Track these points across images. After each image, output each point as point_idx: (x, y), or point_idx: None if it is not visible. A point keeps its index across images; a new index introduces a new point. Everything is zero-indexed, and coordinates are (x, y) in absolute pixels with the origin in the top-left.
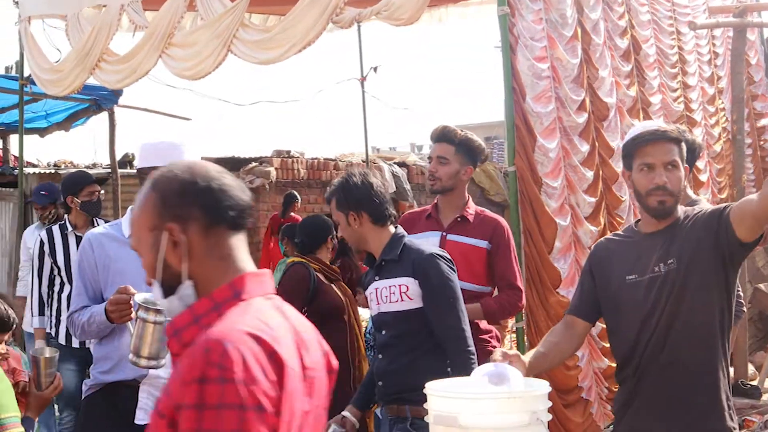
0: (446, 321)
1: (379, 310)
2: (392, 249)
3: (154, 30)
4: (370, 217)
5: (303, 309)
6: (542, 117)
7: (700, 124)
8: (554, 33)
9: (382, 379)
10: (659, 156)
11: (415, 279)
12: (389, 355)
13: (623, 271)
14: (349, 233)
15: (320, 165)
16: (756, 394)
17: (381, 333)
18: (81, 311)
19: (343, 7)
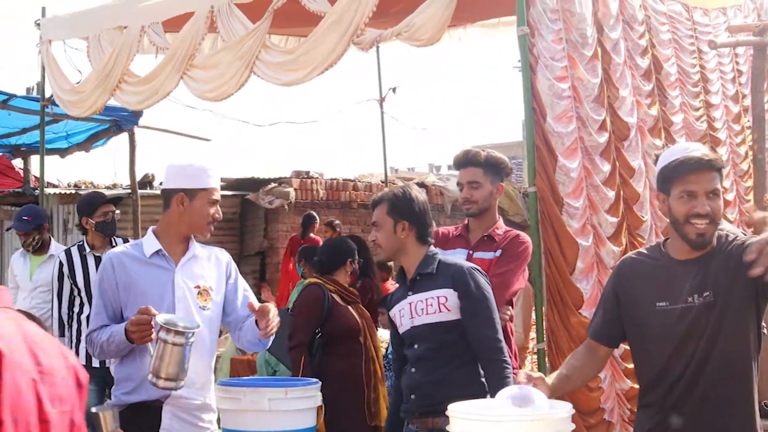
0: (483, 332)
1: (413, 324)
2: (428, 264)
3: (175, 51)
4: (416, 233)
5: (317, 330)
6: (563, 137)
7: (724, 143)
8: (574, 53)
9: (416, 392)
10: (703, 184)
11: (455, 290)
12: (425, 368)
13: (653, 297)
14: (390, 240)
15: (339, 185)
16: None
17: (413, 347)
18: (100, 330)
19: (364, 28)
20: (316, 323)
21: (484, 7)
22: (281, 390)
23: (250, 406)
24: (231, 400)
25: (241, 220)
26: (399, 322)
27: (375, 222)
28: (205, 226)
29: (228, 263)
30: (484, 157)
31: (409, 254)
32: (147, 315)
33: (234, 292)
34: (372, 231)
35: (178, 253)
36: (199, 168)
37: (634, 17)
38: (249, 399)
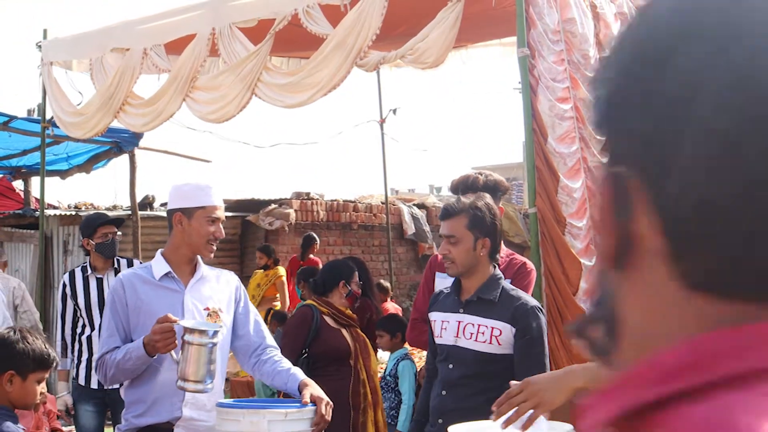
0: (533, 373)
1: (456, 344)
2: (490, 289)
3: (178, 73)
4: (490, 251)
5: (303, 350)
6: (566, 157)
7: None
8: (577, 73)
9: (444, 417)
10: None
11: (513, 327)
12: (458, 394)
13: None
14: (468, 257)
15: (339, 207)
16: None
17: (448, 366)
18: (113, 351)
19: (368, 50)
20: (302, 344)
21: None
22: (281, 412)
23: (249, 427)
24: (230, 422)
25: (241, 241)
26: (438, 332)
27: (451, 236)
28: (204, 245)
29: (238, 287)
30: (482, 183)
31: (477, 273)
32: (169, 322)
33: (245, 316)
34: (443, 244)
35: (187, 274)
36: (196, 187)
37: None
38: (248, 420)
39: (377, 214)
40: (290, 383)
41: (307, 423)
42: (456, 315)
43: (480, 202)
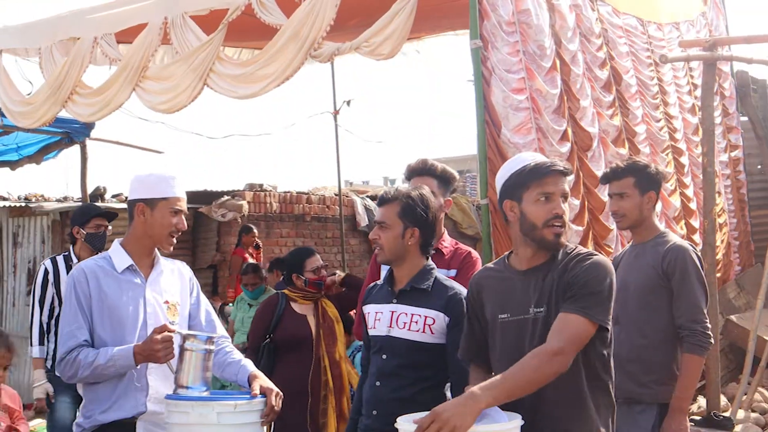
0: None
1: (388, 334)
2: (423, 279)
3: (128, 63)
4: (421, 242)
5: (267, 335)
6: (521, 148)
7: (685, 154)
8: (532, 64)
9: (379, 408)
10: (559, 186)
11: (447, 316)
12: (391, 384)
13: (497, 309)
14: (394, 244)
15: (293, 198)
16: (728, 425)
17: (381, 357)
18: (84, 349)
19: (321, 42)
20: (265, 330)
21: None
22: (230, 404)
23: (198, 419)
24: (179, 414)
25: (193, 233)
26: (372, 324)
27: (382, 222)
28: (165, 237)
29: (191, 278)
30: (440, 170)
31: (407, 263)
32: (167, 331)
33: (197, 308)
34: (374, 229)
35: (147, 266)
36: (160, 177)
37: (591, 30)
38: (197, 413)
39: (330, 205)
40: (240, 374)
41: (257, 415)
42: (389, 305)
43: (415, 192)
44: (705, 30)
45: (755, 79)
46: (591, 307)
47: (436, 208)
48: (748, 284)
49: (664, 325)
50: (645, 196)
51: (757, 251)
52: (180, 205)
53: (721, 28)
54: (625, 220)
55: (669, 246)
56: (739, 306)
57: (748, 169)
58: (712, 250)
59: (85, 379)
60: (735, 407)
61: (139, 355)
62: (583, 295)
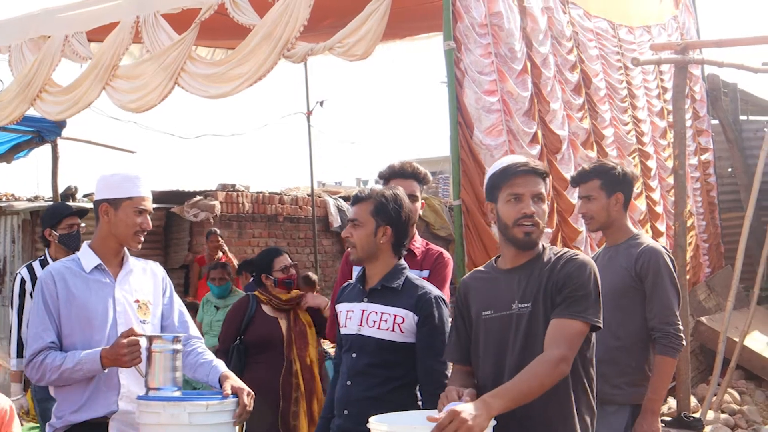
0: (434, 365)
1: (359, 332)
2: (394, 278)
3: (99, 61)
4: (393, 241)
5: (237, 337)
6: (493, 149)
7: (652, 157)
8: (504, 67)
9: (350, 408)
10: (529, 187)
11: (416, 315)
12: (362, 383)
13: (481, 307)
14: (367, 243)
15: (265, 199)
16: (698, 426)
17: (351, 355)
18: (51, 352)
19: (295, 42)
20: (236, 331)
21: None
22: (202, 404)
23: (170, 420)
24: (150, 414)
25: (165, 233)
26: (343, 322)
27: (354, 220)
28: (131, 237)
29: (164, 278)
30: (423, 174)
31: (379, 262)
32: (135, 336)
33: (170, 308)
34: (347, 227)
35: (116, 266)
36: (124, 177)
37: (562, 33)
38: (169, 413)
39: (303, 206)
40: (211, 375)
41: (229, 415)
42: (360, 304)
43: (389, 192)
44: (676, 33)
45: (726, 83)
46: (585, 309)
47: (410, 209)
48: (719, 286)
49: (637, 327)
50: (612, 198)
51: (727, 253)
52: (144, 204)
53: (693, 32)
54: (594, 222)
55: (642, 248)
56: (710, 308)
57: (718, 171)
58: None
59: (53, 383)
60: (705, 408)
61: (105, 359)
62: (576, 298)
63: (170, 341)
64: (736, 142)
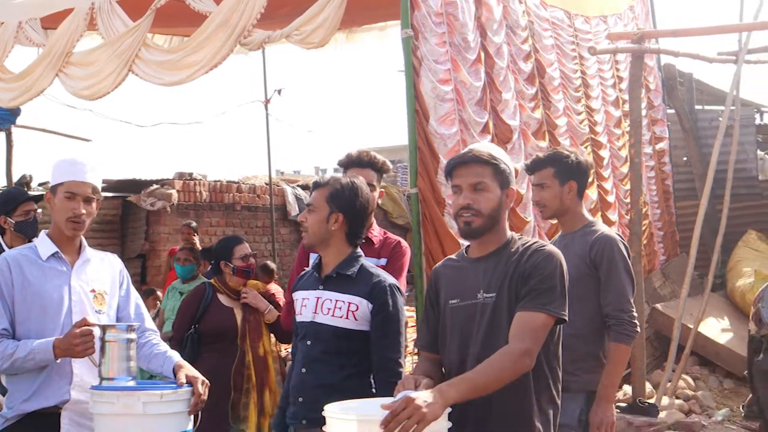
0: (388, 354)
1: (313, 320)
2: (349, 266)
3: (52, 48)
4: (347, 230)
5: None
6: (446, 139)
7: (605, 147)
8: (458, 56)
9: (304, 395)
10: (466, 178)
11: (370, 303)
12: (318, 371)
13: (448, 295)
14: (319, 228)
15: (223, 187)
16: (653, 412)
17: (306, 342)
18: (4, 341)
19: (252, 29)
20: (190, 320)
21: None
22: (156, 393)
23: (124, 410)
24: (104, 404)
25: (122, 222)
26: (299, 310)
27: (310, 204)
28: (65, 223)
29: (121, 270)
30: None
31: (332, 249)
32: (88, 325)
33: (127, 299)
34: (304, 212)
35: (72, 254)
36: (67, 162)
37: (517, 22)
38: (122, 403)
39: (261, 195)
40: (165, 366)
41: (184, 404)
42: (315, 292)
43: (346, 180)
44: (632, 23)
45: (682, 73)
46: (550, 302)
47: (367, 200)
48: (674, 273)
49: (591, 315)
50: (565, 186)
51: (682, 241)
52: (76, 189)
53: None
54: (547, 210)
55: (597, 236)
56: (665, 295)
57: (674, 160)
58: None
59: (5, 371)
60: (660, 394)
61: (58, 349)
62: (541, 290)
63: (124, 330)
64: (691, 132)
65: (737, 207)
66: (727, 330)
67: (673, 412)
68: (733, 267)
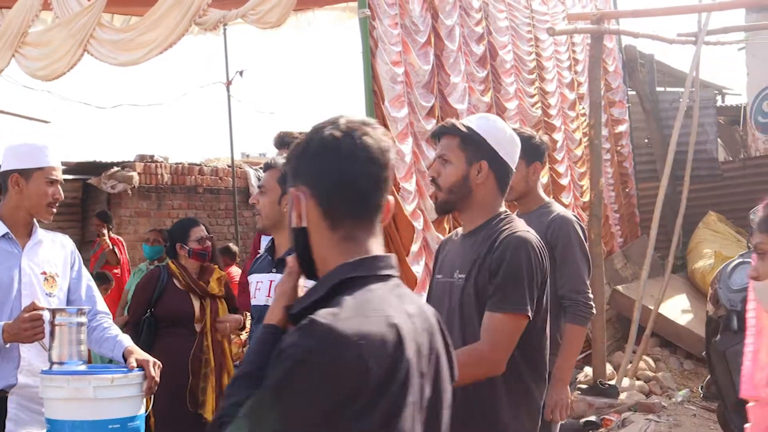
0: None
1: (267, 303)
2: None
3: (7, 28)
4: None
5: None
6: (397, 121)
7: (559, 129)
8: (408, 38)
9: None
10: (438, 150)
11: None
12: None
13: (437, 270)
14: (272, 210)
15: (185, 170)
16: (614, 393)
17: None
18: None
19: (207, 9)
20: (146, 304)
21: None
22: (107, 377)
23: (74, 394)
24: (54, 389)
25: (82, 204)
26: (253, 293)
27: (262, 186)
28: (44, 208)
29: (73, 251)
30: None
31: (285, 231)
32: (37, 310)
33: (78, 281)
34: (256, 194)
35: (24, 236)
36: (33, 147)
37: (470, 4)
38: (73, 387)
39: (223, 177)
40: (116, 350)
41: (136, 388)
42: (269, 275)
43: None
44: (591, 5)
45: (643, 54)
46: (516, 301)
47: None
48: (635, 255)
49: None
50: (530, 167)
51: (643, 223)
52: (55, 174)
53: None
54: (513, 192)
55: (552, 216)
56: (626, 276)
57: (635, 142)
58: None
59: None
60: (620, 375)
61: (6, 334)
62: (507, 288)
63: (74, 314)
64: (652, 113)
65: (697, 188)
66: (687, 311)
67: (633, 394)
68: (694, 248)
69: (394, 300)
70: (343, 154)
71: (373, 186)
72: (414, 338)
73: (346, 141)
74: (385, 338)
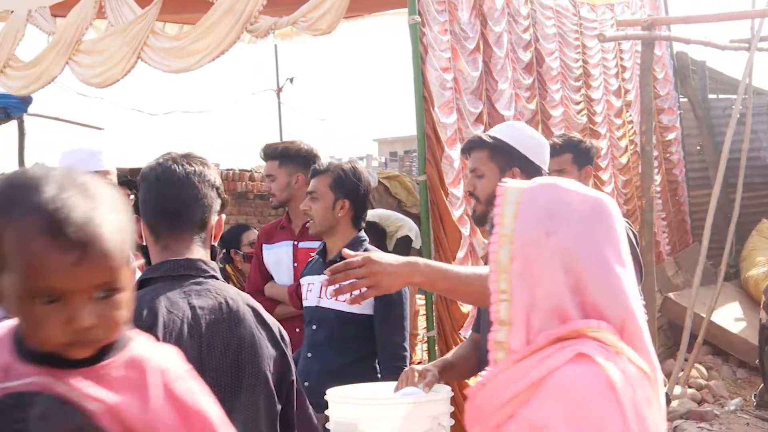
0: (392, 337)
1: (318, 304)
2: (353, 249)
3: (62, 36)
4: (353, 215)
5: None
6: (447, 127)
7: (605, 137)
8: (457, 45)
9: (310, 380)
10: (469, 164)
11: None
12: (323, 356)
13: None
14: (324, 216)
15: (235, 176)
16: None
17: (311, 327)
18: None
19: (258, 15)
20: None
21: None
22: None
23: None
24: None
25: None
26: (305, 295)
27: (313, 192)
28: None
29: None
30: (280, 150)
31: (338, 235)
32: None
33: None
34: (306, 200)
35: None
36: (88, 151)
37: (518, 11)
38: None
39: None
40: None
41: None
42: (320, 277)
43: (347, 165)
44: (640, 12)
45: (695, 61)
46: None
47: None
48: (687, 263)
49: None
50: (582, 171)
51: (695, 230)
52: (110, 178)
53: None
54: None
55: None
56: (678, 284)
57: (687, 149)
58: (650, 228)
59: None
60: (672, 383)
61: None
62: None
63: None
64: (704, 120)
65: (751, 196)
66: (740, 319)
67: (685, 402)
68: (747, 256)
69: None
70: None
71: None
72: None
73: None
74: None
